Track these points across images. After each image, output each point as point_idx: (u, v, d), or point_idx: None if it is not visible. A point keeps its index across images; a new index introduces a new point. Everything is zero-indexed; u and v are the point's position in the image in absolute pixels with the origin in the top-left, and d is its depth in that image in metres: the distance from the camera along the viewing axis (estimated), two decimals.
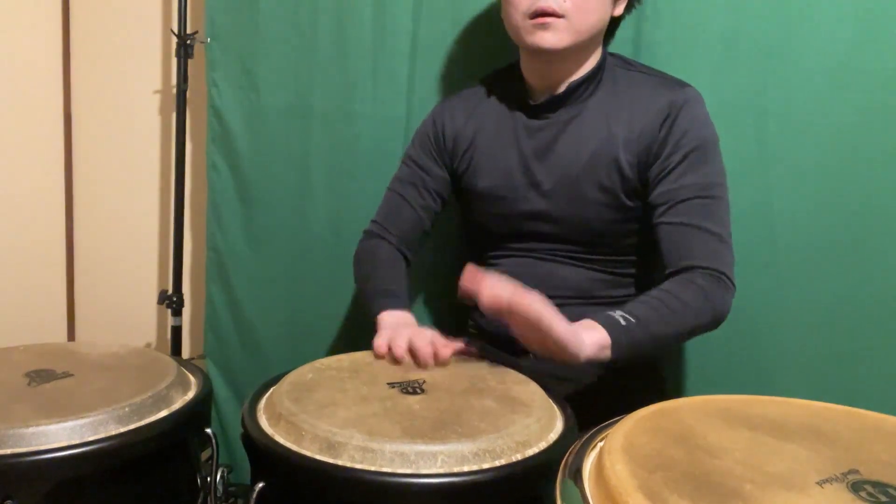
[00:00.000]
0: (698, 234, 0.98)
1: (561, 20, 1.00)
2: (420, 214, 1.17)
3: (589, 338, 0.86)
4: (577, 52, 1.04)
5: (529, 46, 1.03)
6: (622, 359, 0.88)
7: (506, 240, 1.14)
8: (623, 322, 0.88)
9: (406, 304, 1.06)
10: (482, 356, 0.98)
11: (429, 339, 0.93)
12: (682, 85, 1.04)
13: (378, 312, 1.04)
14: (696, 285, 0.95)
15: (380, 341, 0.95)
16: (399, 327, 0.98)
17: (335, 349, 1.45)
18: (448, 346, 0.93)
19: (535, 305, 0.83)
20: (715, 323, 0.97)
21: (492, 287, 0.83)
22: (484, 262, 1.19)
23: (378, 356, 0.95)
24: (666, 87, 1.04)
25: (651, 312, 0.91)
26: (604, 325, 0.88)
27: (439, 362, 0.92)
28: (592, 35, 1.04)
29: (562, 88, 1.07)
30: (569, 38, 1.01)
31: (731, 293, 0.97)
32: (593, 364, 0.87)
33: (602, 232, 1.08)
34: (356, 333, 1.44)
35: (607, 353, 0.87)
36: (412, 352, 0.93)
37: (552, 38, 1.00)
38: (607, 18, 1.06)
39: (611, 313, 0.90)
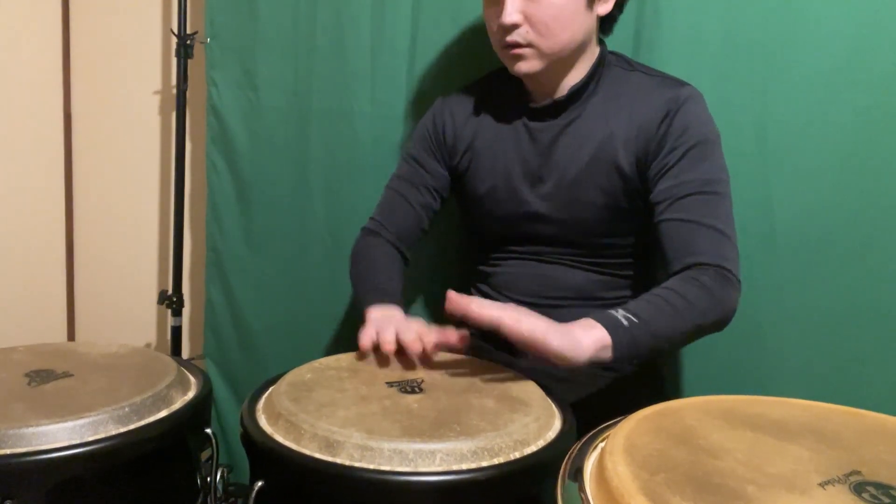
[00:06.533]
0: (701, 230, 0.96)
1: (529, 49, 1.01)
2: (419, 212, 1.17)
3: (587, 338, 0.84)
4: (561, 64, 1.04)
5: (510, 72, 1.05)
6: (624, 359, 0.87)
7: (505, 242, 1.14)
8: (625, 322, 0.86)
9: (397, 300, 1.05)
10: (480, 355, 0.97)
11: (416, 333, 0.93)
12: (681, 84, 1.03)
13: (367, 308, 1.03)
14: (700, 283, 0.92)
15: (364, 338, 0.95)
16: (384, 320, 0.97)
17: (334, 349, 1.45)
18: (433, 336, 0.93)
19: (523, 326, 0.82)
20: (722, 322, 0.94)
21: (479, 307, 0.84)
22: (483, 263, 1.19)
23: (362, 350, 0.95)
24: (666, 86, 1.03)
25: (654, 311, 0.89)
26: (604, 325, 0.86)
27: (427, 357, 0.93)
28: (573, 48, 1.03)
29: (563, 93, 1.06)
30: (541, 63, 1.02)
31: (737, 290, 0.95)
32: (594, 364, 0.87)
33: (602, 234, 1.07)
34: (355, 333, 1.42)
35: (608, 354, 0.85)
36: (400, 349, 0.93)
37: (525, 65, 1.03)
38: (587, 26, 1.03)
39: (612, 312, 0.88)
